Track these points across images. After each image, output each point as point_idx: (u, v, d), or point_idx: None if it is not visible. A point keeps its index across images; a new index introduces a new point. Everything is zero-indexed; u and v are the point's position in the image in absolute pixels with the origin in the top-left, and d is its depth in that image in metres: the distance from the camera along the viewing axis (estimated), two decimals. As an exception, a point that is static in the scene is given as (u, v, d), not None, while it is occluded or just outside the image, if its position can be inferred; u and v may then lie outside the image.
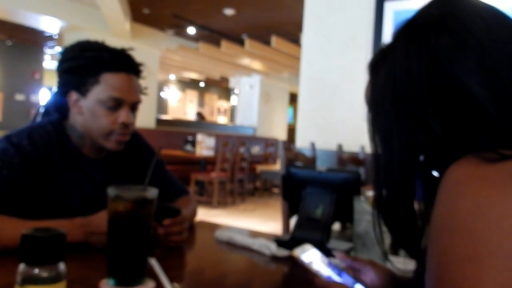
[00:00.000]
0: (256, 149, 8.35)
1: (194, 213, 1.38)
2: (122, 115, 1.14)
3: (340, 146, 3.09)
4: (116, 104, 1.13)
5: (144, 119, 7.72)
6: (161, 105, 13.53)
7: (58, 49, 10.26)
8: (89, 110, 1.14)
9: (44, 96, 10.38)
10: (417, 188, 0.61)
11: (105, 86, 1.12)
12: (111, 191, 0.81)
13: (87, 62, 1.13)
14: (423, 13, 0.60)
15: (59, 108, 1.21)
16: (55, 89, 1.21)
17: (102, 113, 1.13)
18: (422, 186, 0.61)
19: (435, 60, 0.55)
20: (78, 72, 1.13)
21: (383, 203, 0.63)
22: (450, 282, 0.45)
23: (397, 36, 0.61)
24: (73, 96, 1.15)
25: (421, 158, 0.59)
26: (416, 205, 0.64)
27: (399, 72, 0.58)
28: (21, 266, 0.49)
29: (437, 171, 0.58)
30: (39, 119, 1.26)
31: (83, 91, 1.14)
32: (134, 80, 1.18)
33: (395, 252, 1.22)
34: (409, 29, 0.60)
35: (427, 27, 0.57)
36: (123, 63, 1.15)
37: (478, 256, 0.44)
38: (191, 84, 15.50)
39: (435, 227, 0.50)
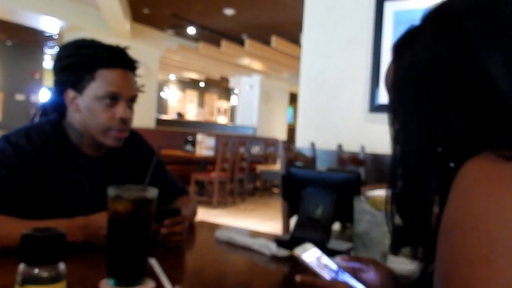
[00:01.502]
0: (256, 149, 8.35)
1: (194, 213, 1.38)
2: (120, 110, 1.14)
3: (340, 146, 3.09)
4: (113, 99, 1.14)
5: (144, 119, 7.72)
6: (161, 105, 13.52)
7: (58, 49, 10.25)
8: (86, 107, 1.14)
9: (44, 96, 10.38)
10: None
11: (102, 82, 1.13)
12: (111, 191, 0.81)
13: (83, 59, 1.13)
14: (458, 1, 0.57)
15: (56, 107, 1.21)
16: (52, 88, 1.22)
17: (100, 109, 1.13)
18: (436, 177, 0.59)
19: (464, 48, 0.53)
20: (74, 69, 1.14)
21: (399, 193, 0.61)
22: (461, 282, 0.44)
23: (426, 19, 0.58)
24: (70, 94, 1.15)
25: (439, 149, 0.57)
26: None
27: (426, 56, 0.55)
28: (21, 266, 0.49)
29: (453, 163, 0.56)
30: (37, 118, 1.26)
31: (79, 89, 1.14)
32: (130, 75, 1.18)
33: (395, 253, 1.22)
34: (441, 13, 0.57)
35: (460, 13, 0.55)
36: (119, 59, 1.16)
37: (490, 256, 0.43)
38: (191, 84, 15.50)
39: (446, 225, 0.49)
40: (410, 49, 0.58)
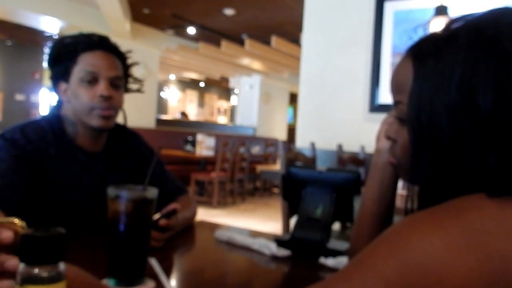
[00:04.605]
0: (256, 149, 8.35)
1: (194, 213, 1.38)
2: (100, 88, 1.17)
3: (340, 146, 3.09)
4: (92, 79, 1.17)
5: (144, 119, 7.72)
6: (161, 105, 13.52)
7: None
8: (73, 93, 1.19)
9: (43, 96, 10.38)
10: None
11: (83, 65, 1.17)
12: (111, 191, 0.81)
13: (66, 49, 1.19)
14: (491, 21, 0.54)
15: (56, 104, 1.25)
16: (50, 86, 1.27)
17: (82, 90, 1.17)
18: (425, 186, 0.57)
19: (503, 66, 0.50)
20: (59, 60, 1.19)
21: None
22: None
23: (455, 32, 0.55)
24: (62, 86, 1.20)
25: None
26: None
27: (459, 70, 0.52)
28: (21, 266, 0.49)
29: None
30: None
31: (66, 77, 1.19)
32: (112, 58, 1.21)
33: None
34: (477, 36, 0.53)
35: (498, 31, 0.52)
36: (98, 42, 1.20)
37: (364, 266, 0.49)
38: (191, 84, 15.50)
39: (391, 228, 0.50)
40: (439, 60, 0.54)
